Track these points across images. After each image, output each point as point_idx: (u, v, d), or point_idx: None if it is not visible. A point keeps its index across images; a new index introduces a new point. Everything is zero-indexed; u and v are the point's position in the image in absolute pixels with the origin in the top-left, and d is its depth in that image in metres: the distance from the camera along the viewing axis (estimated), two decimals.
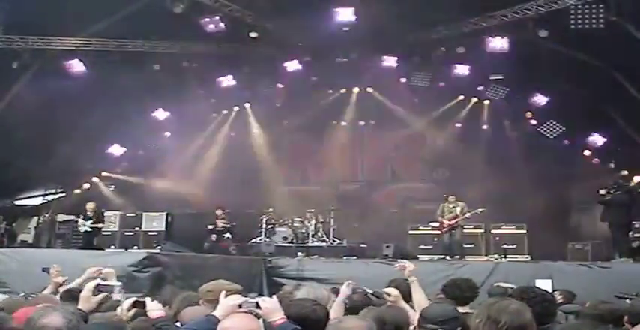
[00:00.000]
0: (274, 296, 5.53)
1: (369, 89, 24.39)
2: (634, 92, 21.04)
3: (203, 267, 14.48)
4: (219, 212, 20.39)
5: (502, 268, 14.73)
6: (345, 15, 19.90)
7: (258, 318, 4.77)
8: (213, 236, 20.03)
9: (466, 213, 18.11)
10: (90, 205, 18.52)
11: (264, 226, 21.46)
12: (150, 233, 21.13)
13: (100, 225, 18.65)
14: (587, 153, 23.97)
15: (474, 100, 24.37)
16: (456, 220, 18.08)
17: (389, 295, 6.44)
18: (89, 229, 18.07)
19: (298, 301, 5.37)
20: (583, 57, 20.77)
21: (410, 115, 24.62)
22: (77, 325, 4.42)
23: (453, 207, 18.26)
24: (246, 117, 25.46)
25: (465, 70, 22.37)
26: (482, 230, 19.93)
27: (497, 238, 20.10)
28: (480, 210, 18.18)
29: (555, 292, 9.47)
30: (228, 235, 20.29)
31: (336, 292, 6.65)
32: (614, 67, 20.82)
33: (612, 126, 23.06)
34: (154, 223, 21.36)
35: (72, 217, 19.66)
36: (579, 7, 17.72)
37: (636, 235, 17.70)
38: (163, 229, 21.23)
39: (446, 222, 18.24)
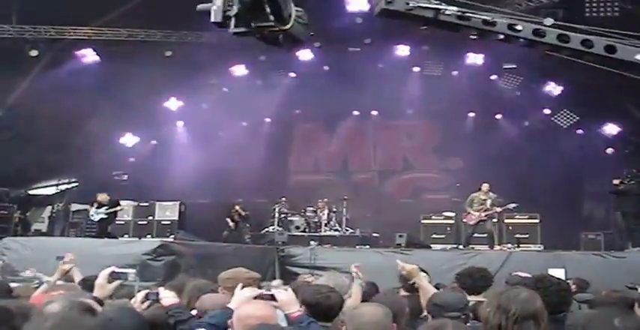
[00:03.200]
0: (288, 288, 5.54)
1: (382, 78, 24.30)
2: None
3: (217, 256, 14.49)
4: (237, 207, 20.62)
5: (515, 257, 14.68)
6: (357, 4, 19.85)
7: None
8: (233, 225, 20.20)
9: (497, 206, 17.80)
10: (102, 196, 18.52)
11: (277, 215, 21.50)
12: (163, 222, 21.21)
13: (117, 208, 18.54)
14: (601, 142, 23.82)
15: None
16: (487, 213, 17.72)
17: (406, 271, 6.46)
18: (104, 216, 18.07)
19: (314, 287, 5.39)
20: None
21: (423, 104, 24.53)
22: (74, 313, 4.38)
23: (484, 199, 17.77)
24: (258, 106, 25.44)
25: (478, 59, 22.30)
26: (495, 220, 19.90)
27: (511, 227, 20.03)
28: (513, 205, 17.78)
29: (569, 281, 9.45)
30: (247, 225, 20.47)
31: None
32: None
33: (627, 115, 22.91)
34: (167, 212, 21.43)
35: (86, 207, 19.73)
36: None
37: None
38: (176, 218, 21.31)
39: (475, 214, 17.74)
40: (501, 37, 6.43)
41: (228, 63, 22.95)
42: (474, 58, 22.34)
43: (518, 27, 6.25)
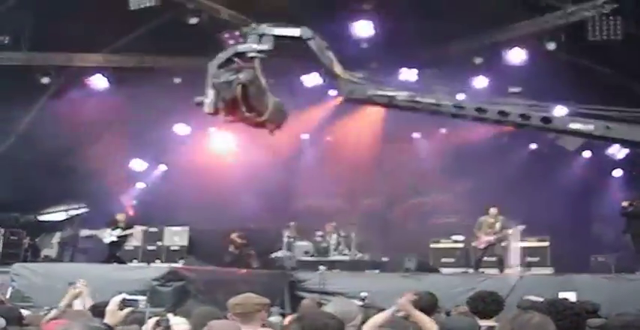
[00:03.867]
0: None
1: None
2: None
3: (226, 281, 14.51)
4: (234, 235, 20.71)
5: (526, 281, 14.65)
6: (363, 29, 20.03)
7: None
8: (236, 251, 20.28)
9: (507, 229, 17.71)
10: (120, 216, 18.56)
11: (285, 239, 21.48)
12: (172, 248, 21.17)
13: (130, 231, 18.60)
14: (608, 164, 23.82)
15: None
16: (496, 236, 17.67)
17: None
18: (115, 240, 18.09)
19: (312, 314, 5.37)
20: (602, 69, 20.75)
21: (429, 128, 24.58)
22: None
23: (494, 222, 17.78)
24: (266, 131, 25.47)
25: (483, 82, 22.40)
26: (504, 244, 19.83)
27: (520, 250, 19.97)
28: (522, 227, 17.78)
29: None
30: (251, 250, 20.49)
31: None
32: (633, 79, 20.76)
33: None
34: (176, 237, 21.38)
35: (95, 232, 19.78)
36: (597, 19, 17.69)
37: None
38: (185, 243, 21.26)
39: (484, 237, 17.73)
40: (450, 114, 7.15)
41: None
42: (480, 82, 22.44)
43: (463, 105, 6.84)
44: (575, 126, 6.54)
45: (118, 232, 18.09)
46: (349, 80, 6.41)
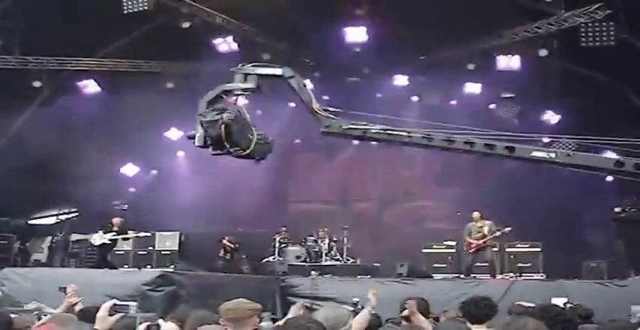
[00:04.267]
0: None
1: (381, 108, 24.37)
2: None
3: (217, 286, 14.45)
4: (225, 240, 20.69)
5: (517, 286, 14.63)
6: (356, 35, 20.06)
7: None
8: (227, 256, 20.26)
9: (495, 232, 17.80)
10: (116, 220, 18.51)
11: (277, 245, 21.45)
12: (163, 252, 21.14)
13: (122, 236, 18.53)
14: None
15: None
16: (484, 240, 17.74)
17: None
18: (107, 242, 18.00)
19: (295, 319, 5.36)
20: (595, 75, 20.79)
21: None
22: None
23: (480, 226, 17.83)
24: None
25: (476, 88, 22.45)
26: (496, 249, 19.82)
27: (512, 256, 19.97)
28: (508, 229, 17.86)
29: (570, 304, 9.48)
30: (242, 256, 20.46)
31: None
32: (626, 85, 20.82)
33: (625, 144, 22.94)
34: (167, 242, 21.36)
35: (85, 237, 19.69)
36: (590, 24, 17.74)
37: None
38: (177, 248, 21.24)
39: (474, 242, 17.76)
40: (420, 144, 7.55)
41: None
42: (472, 87, 22.50)
43: (432, 137, 7.19)
44: (538, 154, 6.86)
45: (111, 235, 18.00)
46: (325, 116, 6.83)
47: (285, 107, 24.26)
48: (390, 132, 7.11)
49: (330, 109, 7.05)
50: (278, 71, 7.09)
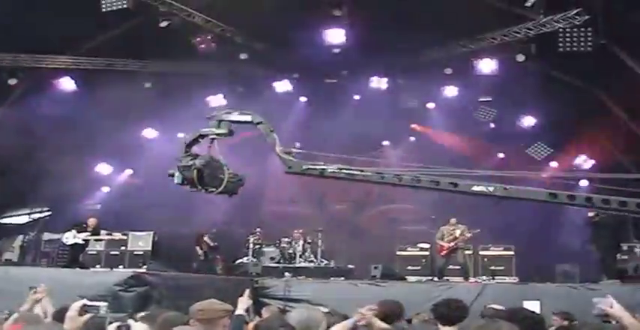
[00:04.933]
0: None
1: (358, 109, 24.42)
2: (621, 115, 21.21)
3: (190, 287, 14.34)
4: (205, 237, 20.58)
5: (490, 289, 14.67)
6: (335, 36, 20.05)
7: None
8: (202, 256, 20.17)
9: (466, 234, 17.90)
10: (91, 220, 18.33)
11: (251, 246, 21.36)
12: (136, 253, 20.98)
13: (95, 237, 18.38)
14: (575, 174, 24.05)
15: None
16: (456, 241, 17.87)
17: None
18: (80, 242, 17.82)
19: (266, 324, 5.34)
20: (571, 80, 20.94)
21: (398, 136, 24.67)
22: None
23: (453, 229, 18.01)
24: (234, 136, 25.38)
25: (453, 91, 22.53)
26: (469, 252, 19.89)
27: (486, 259, 20.06)
28: (477, 231, 17.99)
29: (555, 316, 9.51)
30: (217, 255, 20.38)
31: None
32: (602, 90, 20.98)
33: (599, 148, 23.18)
34: (140, 242, 21.21)
35: (58, 236, 19.50)
36: (568, 30, 17.83)
37: (624, 257, 17.70)
38: (150, 248, 21.09)
39: (446, 245, 17.93)
40: (374, 181, 8.00)
41: (206, 93, 22.98)
42: (450, 91, 22.58)
43: (385, 175, 7.62)
44: (478, 188, 7.31)
45: (84, 235, 17.82)
46: (288, 158, 7.49)
47: (262, 107, 24.27)
48: (345, 171, 7.71)
49: (294, 150, 7.77)
50: (248, 118, 7.94)
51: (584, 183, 24.32)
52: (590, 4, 17.25)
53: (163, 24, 19.04)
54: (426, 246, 20.40)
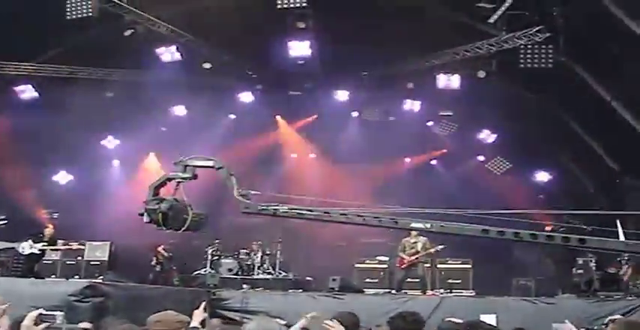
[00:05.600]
0: None
1: (322, 122, 24.49)
2: (580, 131, 21.54)
3: (147, 298, 14.18)
4: (160, 248, 20.47)
5: (447, 303, 14.73)
6: (299, 49, 20.12)
7: None
8: (158, 267, 20.00)
9: (429, 249, 17.93)
10: (48, 230, 18.09)
11: (209, 257, 21.25)
12: (92, 263, 20.74)
13: (52, 247, 18.15)
14: (532, 189, 24.40)
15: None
16: (417, 256, 17.92)
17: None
18: (36, 252, 17.57)
19: None
20: (532, 96, 21.23)
21: (361, 149, 24.78)
22: None
23: (414, 242, 17.95)
24: (197, 146, 25.31)
25: (415, 105, 22.73)
26: (428, 265, 19.99)
27: (443, 272, 20.16)
28: (441, 247, 17.98)
29: None
30: (173, 266, 20.24)
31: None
32: (561, 106, 21.29)
33: (557, 163, 23.55)
34: (97, 252, 20.97)
35: (13, 245, 19.18)
36: (529, 47, 18.07)
37: (579, 271, 17.94)
38: (106, 259, 20.85)
39: (406, 258, 17.92)
40: (323, 220, 8.41)
41: (169, 102, 22.90)
42: (411, 105, 22.78)
43: (331, 213, 8.09)
44: (415, 225, 7.70)
45: (41, 245, 17.58)
46: (244, 200, 8.08)
47: (225, 119, 24.27)
48: (296, 211, 8.25)
49: (252, 192, 8.39)
50: (211, 163, 8.76)
51: (542, 197, 24.84)
52: (552, 23, 17.51)
53: (127, 33, 18.97)
54: (385, 259, 20.45)
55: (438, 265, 20.22)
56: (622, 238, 7.52)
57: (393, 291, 18.09)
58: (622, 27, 16.42)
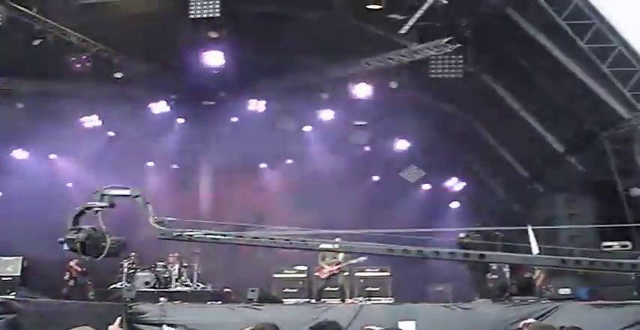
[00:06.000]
0: None
1: (237, 132, 24.38)
2: (491, 140, 22.09)
3: (62, 314, 13.80)
4: (72, 263, 20.00)
5: (366, 310, 14.82)
6: (214, 59, 20.03)
7: None
8: (72, 282, 19.53)
9: (350, 259, 17.97)
10: None
11: (125, 270, 20.85)
12: (3, 279, 20.08)
13: None
14: (446, 196, 24.88)
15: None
16: (339, 267, 17.98)
17: None
18: None
19: None
20: (443, 105, 21.67)
21: (276, 159, 24.81)
22: None
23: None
24: (108, 158, 24.89)
25: (330, 115, 22.88)
26: (347, 273, 20.10)
27: (362, 280, 20.28)
28: (363, 259, 18.06)
29: None
30: (88, 281, 19.78)
31: None
32: (472, 115, 21.79)
33: (469, 171, 24.07)
34: (9, 268, 20.29)
35: None
36: (439, 57, 18.43)
37: (494, 276, 18.31)
38: (18, 274, 20.20)
39: (327, 267, 18.00)
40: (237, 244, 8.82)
41: (81, 113, 22.45)
42: (326, 114, 22.91)
43: (245, 237, 8.40)
44: (324, 246, 7.92)
45: None
46: (159, 228, 8.20)
47: (139, 129, 23.91)
48: (210, 236, 8.36)
49: (168, 218, 8.57)
50: (127, 192, 8.72)
51: (455, 205, 25.40)
52: (461, 34, 17.90)
53: (36, 42, 18.50)
54: (304, 268, 20.47)
55: (357, 274, 20.32)
56: (534, 245, 7.72)
57: (313, 300, 18.12)
58: (529, 38, 16.98)
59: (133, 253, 21.31)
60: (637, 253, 15.74)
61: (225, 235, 8.85)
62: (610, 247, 16.66)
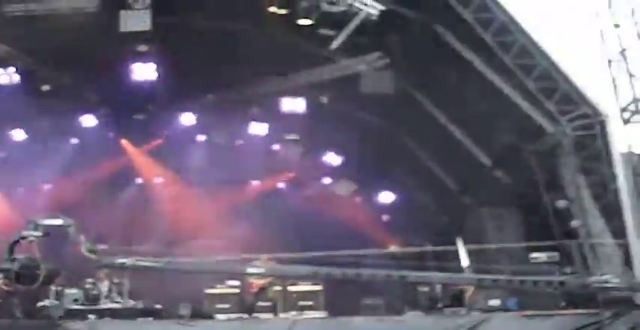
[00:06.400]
0: None
1: (168, 146, 24.16)
2: (421, 153, 22.38)
3: None
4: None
5: (299, 325, 14.80)
6: (144, 72, 19.87)
7: None
8: None
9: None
10: None
11: (53, 288, 20.36)
12: None
13: None
14: (377, 209, 25.08)
15: None
16: (267, 280, 17.93)
17: None
18: None
19: None
20: (374, 120, 21.87)
21: (208, 172, 24.63)
22: None
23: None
24: (38, 172, 24.37)
25: (262, 128, 22.89)
26: (279, 287, 20.05)
27: (295, 295, 20.23)
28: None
29: None
30: (15, 299, 19.26)
31: None
32: (403, 130, 22.04)
33: (400, 184, 24.33)
34: None
35: None
36: (369, 72, 18.61)
37: (425, 289, 18.51)
38: None
39: (256, 282, 17.98)
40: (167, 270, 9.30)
41: (8, 127, 21.97)
42: (258, 128, 22.92)
43: (178, 261, 8.95)
44: (251, 270, 8.32)
45: None
46: (90, 256, 8.57)
47: (67, 143, 23.53)
48: (140, 263, 8.77)
49: (102, 246, 8.97)
50: (60, 222, 9.10)
51: (386, 217, 25.61)
52: (391, 50, 18.13)
53: None
54: (236, 283, 20.32)
55: (289, 288, 20.28)
56: (463, 258, 7.89)
57: (245, 316, 18.03)
58: (457, 54, 17.30)
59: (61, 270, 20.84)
60: (562, 266, 16.19)
61: (157, 262, 9.21)
62: (538, 258, 17.04)
